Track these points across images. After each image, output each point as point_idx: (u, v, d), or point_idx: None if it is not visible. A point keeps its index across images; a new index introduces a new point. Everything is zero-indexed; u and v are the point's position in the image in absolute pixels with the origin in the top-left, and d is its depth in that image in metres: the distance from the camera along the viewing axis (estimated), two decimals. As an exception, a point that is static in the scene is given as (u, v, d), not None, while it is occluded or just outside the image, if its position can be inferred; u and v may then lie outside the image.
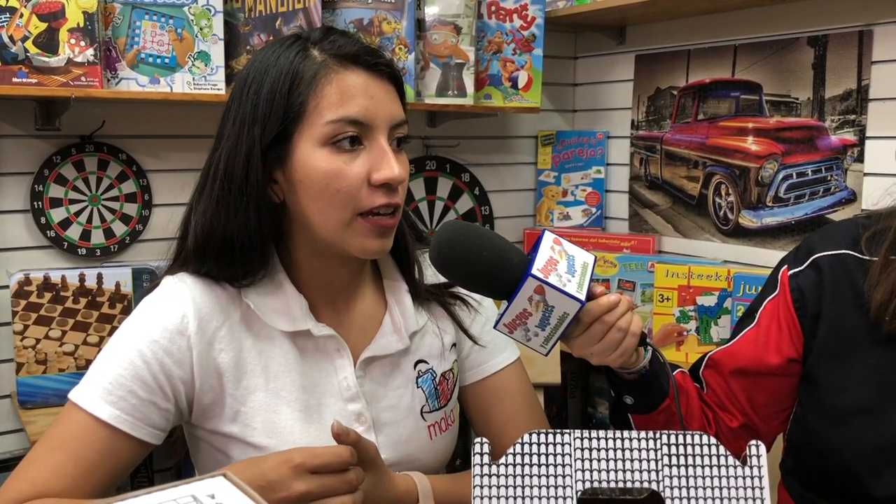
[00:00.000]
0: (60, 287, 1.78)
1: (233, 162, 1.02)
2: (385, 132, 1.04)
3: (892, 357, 1.01)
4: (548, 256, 0.95)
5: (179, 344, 1.03)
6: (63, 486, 0.98)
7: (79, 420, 1.00)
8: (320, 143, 1.01)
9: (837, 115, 1.94)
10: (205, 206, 1.05)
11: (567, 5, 2.35)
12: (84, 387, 1.02)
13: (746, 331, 1.14)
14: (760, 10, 2.08)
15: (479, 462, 0.76)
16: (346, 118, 1.01)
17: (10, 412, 1.88)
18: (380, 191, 1.02)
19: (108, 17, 1.76)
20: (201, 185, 1.08)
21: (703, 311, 2.05)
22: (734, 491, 0.75)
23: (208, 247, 1.05)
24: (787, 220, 2.04)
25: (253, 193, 1.02)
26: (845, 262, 1.07)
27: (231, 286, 1.07)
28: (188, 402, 1.06)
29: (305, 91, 1.01)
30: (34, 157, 1.87)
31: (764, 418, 1.14)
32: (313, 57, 1.03)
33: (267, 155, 1.02)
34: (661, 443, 0.76)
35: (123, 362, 1.02)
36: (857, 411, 1.02)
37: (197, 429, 1.09)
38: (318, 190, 1.01)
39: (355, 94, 1.02)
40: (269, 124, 1.01)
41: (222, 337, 1.06)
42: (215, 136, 1.08)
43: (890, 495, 0.98)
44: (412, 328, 1.14)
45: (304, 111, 1.01)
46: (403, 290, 1.16)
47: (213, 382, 1.05)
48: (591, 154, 2.54)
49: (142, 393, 1.01)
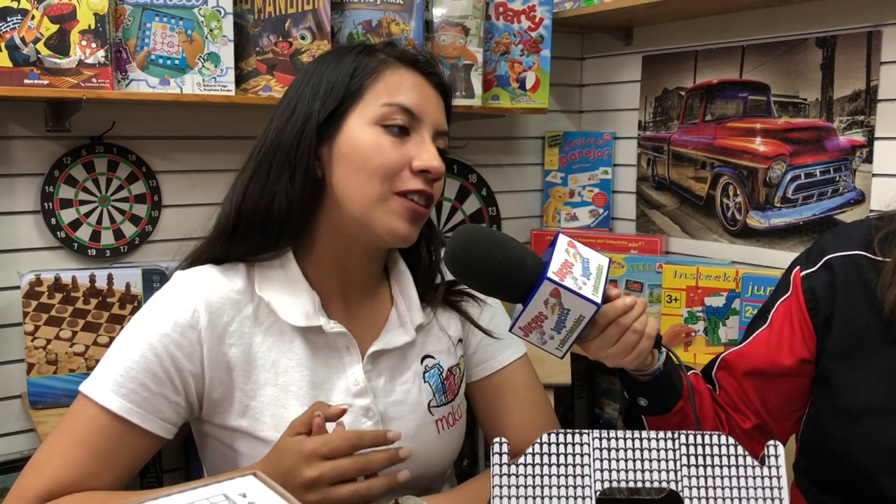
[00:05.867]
0: (71, 288, 1.79)
1: (285, 131, 1.07)
2: (430, 132, 1.09)
3: None
4: (563, 259, 0.95)
5: (190, 338, 1.04)
6: (82, 479, 1.00)
7: (91, 413, 1.02)
8: (372, 122, 1.06)
9: (846, 115, 1.94)
10: (250, 172, 1.09)
11: (574, 6, 2.35)
12: (95, 379, 1.04)
13: (759, 332, 1.15)
14: (768, 11, 2.08)
15: (499, 462, 0.76)
16: (399, 104, 1.07)
17: (20, 412, 1.89)
18: (419, 177, 1.06)
19: (118, 18, 1.76)
20: (247, 162, 1.11)
21: (711, 312, 2.05)
22: (752, 491, 0.75)
23: (244, 213, 1.07)
24: (796, 221, 2.05)
25: (302, 160, 1.06)
26: (858, 262, 1.08)
27: (246, 277, 1.09)
28: (198, 397, 1.07)
29: (366, 76, 1.08)
30: (44, 159, 1.88)
31: (777, 419, 1.14)
32: (377, 55, 1.11)
33: (322, 128, 1.06)
34: (679, 443, 0.76)
35: (135, 355, 1.03)
36: (870, 411, 1.02)
37: (206, 424, 1.10)
38: (361, 163, 1.05)
39: (412, 88, 1.09)
40: (329, 99, 1.07)
41: (233, 332, 1.07)
42: (268, 122, 1.13)
43: None
44: (418, 321, 1.15)
45: (363, 92, 1.07)
46: (409, 284, 1.17)
47: (223, 376, 1.06)
48: (598, 155, 2.54)
49: (153, 386, 1.03)
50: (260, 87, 1.91)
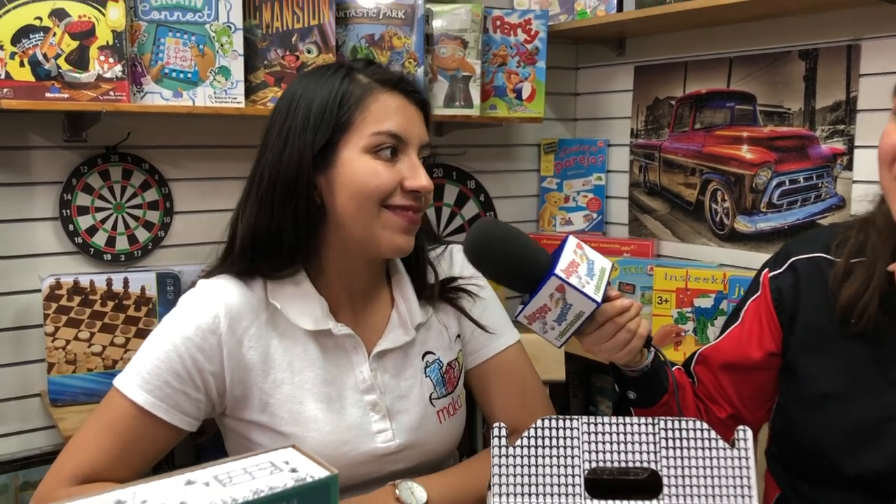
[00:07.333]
0: (89, 291, 1.87)
1: (282, 165, 1.14)
2: (416, 149, 1.18)
3: (861, 350, 1.10)
4: (570, 259, 1.03)
5: (211, 342, 1.13)
6: (109, 463, 1.10)
7: (121, 405, 1.11)
8: (364, 151, 1.14)
9: (827, 125, 2.03)
10: (255, 207, 1.16)
11: (569, 19, 2.44)
12: (126, 375, 1.13)
13: (732, 329, 1.24)
14: (754, 25, 2.17)
15: (498, 444, 0.85)
16: (387, 131, 1.14)
17: (39, 410, 1.97)
18: (409, 195, 1.15)
19: (134, 34, 1.85)
20: (248, 191, 1.19)
21: (700, 313, 2.14)
22: (724, 471, 0.84)
23: (258, 242, 1.16)
24: (781, 226, 2.14)
25: (302, 192, 1.14)
26: (819, 264, 1.17)
27: (262, 287, 1.18)
28: (219, 394, 1.15)
29: (354, 106, 1.14)
30: (62, 168, 1.97)
31: (750, 409, 1.23)
32: (359, 80, 1.17)
33: (316, 159, 1.14)
34: (659, 427, 0.85)
35: (161, 355, 1.12)
36: (830, 399, 1.11)
37: (229, 419, 1.19)
38: (359, 189, 1.13)
39: (396, 112, 1.16)
40: (321, 132, 1.13)
41: (251, 335, 1.15)
42: (259, 148, 1.19)
43: (859, 473, 1.07)
44: (417, 320, 1.24)
45: (352, 123, 1.14)
46: (409, 287, 1.26)
47: (243, 376, 1.15)
48: (591, 161, 2.63)
49: (175, 383, 1.12)
50: (268, 99, 2.00)
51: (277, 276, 1.18)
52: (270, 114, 1.20)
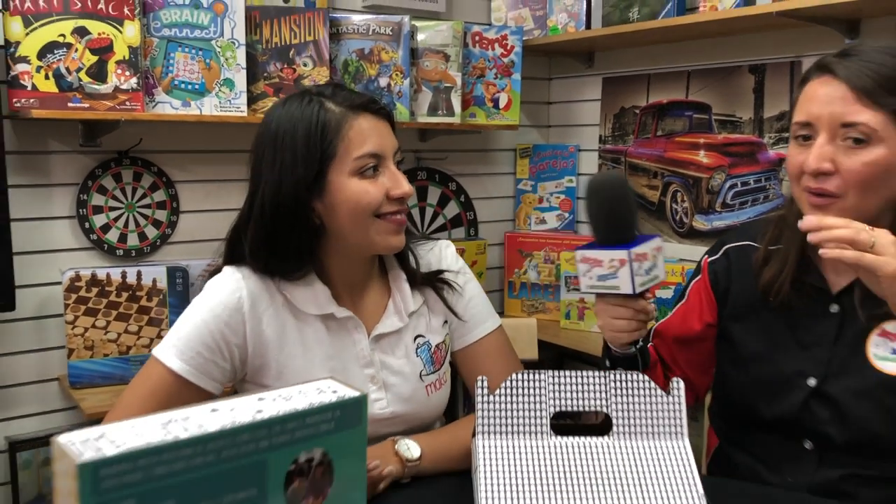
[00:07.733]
0: (105, 283, 2.05)
1: (282, 199, 1.31)
2: (392, 159, 1.36)
3: (777, 319, 1.33)
4: (646, 251, 1.18)
5: (236, 318, 1.32)
6: None
7: (160, 371, 1.30)
8: (351, 174, 1.32)
9: (774, 132, 2.23)
10: (262, 233, 1.33)
11: (542, 35, 2.64)
12: (163, 345, 1.32)
13: (679, 306, 1.47)
14: (710, 42, 2.37)
15: (481, 394, 1.05)
16: (368, 153, 1.32)
17: (58, 393, 2.15)
18: (395, 202, 1.35)
19: (146, 49, 2.03)
20: (248, 216, 1.35)
21: (661, 303, 2.33)
22: (661, 413, 1.05)
23: (272, 263, 1.35)
24: (734, 224, 2.34)
25: (302, 219, 1.32)
26: (747, 251, 1.40)
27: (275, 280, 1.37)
28: (241, 363, 1.35)
29: (334, 137, 1.31)
30: (79, 170, 2.14)
31: (698, 374, 1.46)
32: (332, 109, 1.33)
33: (310, 188, 1.31)
34: (610, 379, 1.06)
35: (193, 330, 1.31)
36: (754, 358, 1.34)
37: (248, 384, 1.38)
38: (353, 207, 1.32)
39: (370, 133, 1.33)
40: (310, 165, 1.30)
41: (269, 315, 1.35)
42: (251, 178, 1.36)
43: (774, 417, 1.30)
44: (410, 309, 1.44)
45: (335, 153, 1.31)
46: (403, 280, 1.46)
47: (262, 350, 1.34)
48: (563, 165, 2.82)
49: (206, 353, 1.31)
50: (268, 108, 2.18)
51: (289, 277, 1.37)
52: (255, 146, 1.36)
